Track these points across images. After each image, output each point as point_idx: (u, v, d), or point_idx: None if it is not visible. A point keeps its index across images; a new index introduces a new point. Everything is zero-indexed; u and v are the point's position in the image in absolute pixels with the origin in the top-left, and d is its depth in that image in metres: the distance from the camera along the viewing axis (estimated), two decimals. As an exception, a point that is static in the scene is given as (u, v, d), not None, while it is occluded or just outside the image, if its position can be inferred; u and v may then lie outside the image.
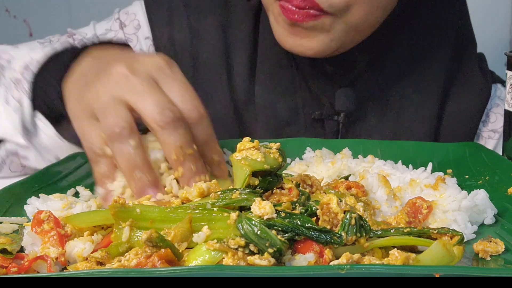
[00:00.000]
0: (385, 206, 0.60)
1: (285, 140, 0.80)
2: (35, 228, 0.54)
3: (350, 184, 0.61)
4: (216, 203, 0.51)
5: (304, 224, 0.48)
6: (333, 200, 0.50)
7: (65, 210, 0.61)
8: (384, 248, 0.50)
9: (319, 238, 0.47)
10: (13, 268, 0.48)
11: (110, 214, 0.50)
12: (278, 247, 0.46)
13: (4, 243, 0.52)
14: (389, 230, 0.51)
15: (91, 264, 0.48)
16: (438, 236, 0.51)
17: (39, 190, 0.67)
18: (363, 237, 0.48)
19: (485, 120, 0.92)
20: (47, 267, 0.48)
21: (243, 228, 0.47)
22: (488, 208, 0.60)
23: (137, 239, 0.49)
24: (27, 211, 0.62)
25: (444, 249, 0.47)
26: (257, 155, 0.54)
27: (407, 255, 0.46)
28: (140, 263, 0.46)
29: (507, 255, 0.52)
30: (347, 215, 0.48)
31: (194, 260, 0.46)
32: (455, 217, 0.57)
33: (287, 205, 0.51)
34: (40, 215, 0.54)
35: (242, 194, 0.51)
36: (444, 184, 0.63)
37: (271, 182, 0.54)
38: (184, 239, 0.48)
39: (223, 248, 0.46)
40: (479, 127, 0.92)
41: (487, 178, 0.69)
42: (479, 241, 0.53)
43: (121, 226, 0.49)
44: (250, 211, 0.49)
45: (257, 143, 0.56)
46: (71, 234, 0.53)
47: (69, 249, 0.51)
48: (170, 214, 0.50)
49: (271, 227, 0.47)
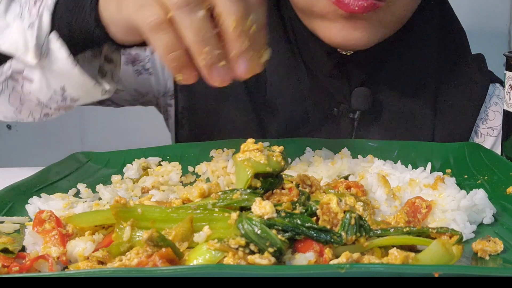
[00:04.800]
0: (384, 205, 0.60)
1: (285, 140, 0.81)
2: (37, 228, 0.54)
3: (350, 184, 0.61)
4: (217, 203, 0.51)
5: (304, 224, 0.48)
6: (333, 200, 0.50)
7: (67, 210, 0.61)
8: (383, 248, 0.50)
9: (319, 237, 0.48)
10: (15, 267, 0.48)
11: (112, 214, 0.50)
12: (279, 246, 0.46)
13: (5, 243, 0.52)
14: (389, 229, 0.51)
15: (92, 263, 0.48)
16: (437, 236, 0.52)
17: (41, 189, 0.67)
18: (362, 237, 0.48)
19: (484, 118, 0.94)
20: (48, 266, 0.48)
21: (243, 228, 0.47)
22: (487, 208, 0.60)
23: (138, 239, 0.49)
24: (28, 210, 0.62)
25: (443, 249, 0.47)
26: (260, 157, 0.54)
27: (406, 255, 0.46)
28: (141, 263, 0.46)
29: (506, 255, 0.52)
30: (347, 214, 0.49)
31: (195, 260, 0.46)
32: (454, 216, 0.58)
33: (287, 205, 0.51)
34: (41, 215, 0.54)
35: (243, 195, 0.51)
36: (443, 184, 0.63)
37: (272, 183, 0.54)
38: (185, 238, 0.48)
39: (223, 247, 0.46)
40: (478, 124, 0.94)
41: (486, 178, 0.69)
42: (478, 241, 0.53)
43: (122, 225, 0.50)
44: (251, 211, 0.49)
45: (261, 145, 0.56)
46: (73, 233, 0.53)
47: (71, 249, 0.51)
48: (171, 214, 0.50)
49: (271, 226, 0.47)
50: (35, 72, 0.72)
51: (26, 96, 0.76)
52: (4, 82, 0.75)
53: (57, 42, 0.70)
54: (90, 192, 0.68)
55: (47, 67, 0.71)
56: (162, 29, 0.57)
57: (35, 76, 0.73)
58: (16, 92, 0.76)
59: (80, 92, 0.74)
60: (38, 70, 0.72)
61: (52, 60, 0.71)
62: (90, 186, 0.70)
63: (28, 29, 0.70)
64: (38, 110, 0.79)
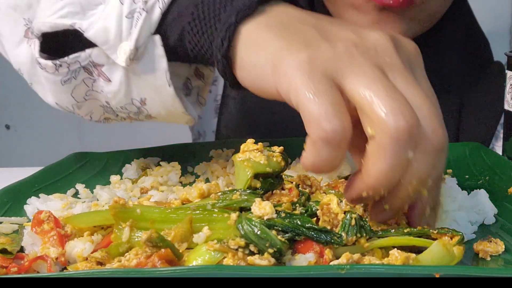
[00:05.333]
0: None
1: (285, 140, 0.80)
2: (35, 228, 0.54)
3: (350, 184, 0.61)
4: (217, 204, 0.51)
5: (304, 224, 0.48)
6: (333, 200, 0.50)
7: (65, 210, 0.61)
8: (384, 248, 0.50)
9: (319, 238, 0.47)
10: (13, 268, 0.47)
11: (110, 214, 0.50)
12: (278, 247, 0.46)
13: (4, 243, 0.52)
14: (389, 230, 0.51)
15: (91, 264, 0.48)
16: (438, 236, 0.51)
17: (39, 190, 0.67)
18: (363, 237, 0.48)
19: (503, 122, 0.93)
20: (47, 267, 0.48)
21: (243, 229, 0.47)
22: (488, 208, 0.60)
23: (137, 239, 0.49)
24: (27, 211, 0.62)
25: (444, 249, 0.47)
26: (260, 157, 0.54)
27: (407, 255, 0.46)
28: (140, 263, 0.46)
29: (507, 255, 0.52)
30: (347, 215, 0.48)
31: (194, 260, 0.46)
32: (455, 217, 0.57)
33: (287, 206, 0.51)
34: (40, 215, 0.54)
35: (242, 195, 0.51)
36: (444, 184, 0.62)
37: (272, 184, 0.54)
38: (184, 239, 0.48)
39: (223, 248, 0.46)
40: (498, 129, 0.93)
41: (487, 178, 0.69)
42: (479, 241, 0.53)
43: (121, 226, 0.49)
44: (250, 212, 0.49)
45: (261, 145, 0.56)
46: (71, 234, 0.53)
47: (69, 249, 0.51)
48: (170, 214, 0.50)
49: (271, 227, 0.47)
50: (118, 72, 0.59)
51: (95, 94, 0.63)
52: (74, 71, 0.61)
53: (160, 48, 0.57)
54: (89, 192, 0.68)
55: (136, 73, 0.59)
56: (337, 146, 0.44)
57: (116, 77, 0.60)
58: (84, 86, 0.62)
59: (162, 112, 0.62)
60: (123, 72, 0.59)
61: (146, 67, 0.58)
62: (89, 186, 0.70)
63: (127, 17, 0.56)
64: (101, 113, 0.67)
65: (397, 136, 0.42)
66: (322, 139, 0.43)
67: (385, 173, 0.43)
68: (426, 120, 0.44)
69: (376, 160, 0.44)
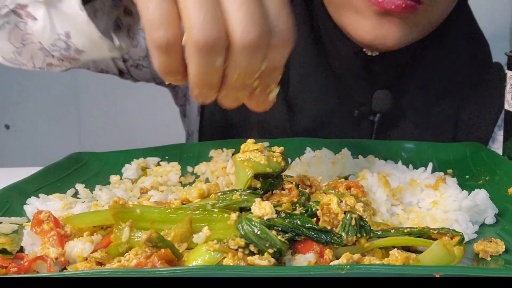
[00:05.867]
0: (384, 208, 0.60)
1: (285, 140, 0.80)
2: (35, 228, 0.53)
3: (350, 184, 0.61)
4: (216, 204, 0.51)
5: (304, 225, 0.48)
6: (334, 200, 0.49)
7: (65, 210, 0.61)
8: (384, 249, 0.50)
9: (319, 238, 0.47)
10: (13, 268, 0.47)
11: (110, 214, 0.50)
12: (278, 247, 0.46)
13: (4, 243, 0.52)
14: (389, 230, 0.51)
15: (90, 264, 0.48)
16: (439, 237, 0.51)
17: (39, 190, 0.67)
18: (363, 238, 0.48)
19: (501, 124, 0.93)
20: (46, 267, 0.48)
21: (243, 229, 0.47)
22: (488, 208, 0.60)
23: (137, 240, 0.49)
24: (26, 211, 0.62)
25: (445, 249, 0.47)
26: (260, 157, 0.54)
27: (407, 255, 0.46)
28: (140, 263, 0.45)
29: (507, 256, 0.52)
30: (348, 215, 0.48)
31: (194, 261, 0.46)
32: (456, 217, 0.57)
33: (287, 206, 0.51)
34: (39, 215, 0.54)
35: (242, 195, 0.51)
36: (444, 184, 0.63)
37: (272, 184, 0.54)
38: (184, 239, 0.48)
39: (223, 248, 0.46)
40: (495, 130, 0.93)
41: (488, 178, 0.69)
42: (480, 241, 0.53)
43: (121, 226, 0.49)
44: (250, 212, 0.49)
45: (261, 145, 0.55)
46: (71, 234, 0.53)
47: (69, 249, 0.51)
48: (170, 215, 0.50)
49: (271, 227, 0.47)
50: (40, 9, 0.65)
51: (29, 37, 0.69)
52: (6, 16, 0.67)
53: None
54: (89, 192, 0.68)
55: (53, 5, 0.64)
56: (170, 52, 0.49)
57: (39, 13, 0.66)
58: (18, 29, 0.69)
59: (86, 43, 0.67)
60: (44, 7, 0.65)
61: (62, 1, 0.63)
62: (89, 186, 0.69)
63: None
64: (41, 57, 0.72)
65: (199, 48, 0.47)
66: (151, 46, 0.48)
67: (197, 76, 0.49)
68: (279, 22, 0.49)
69: (188, 66, 0.49)
